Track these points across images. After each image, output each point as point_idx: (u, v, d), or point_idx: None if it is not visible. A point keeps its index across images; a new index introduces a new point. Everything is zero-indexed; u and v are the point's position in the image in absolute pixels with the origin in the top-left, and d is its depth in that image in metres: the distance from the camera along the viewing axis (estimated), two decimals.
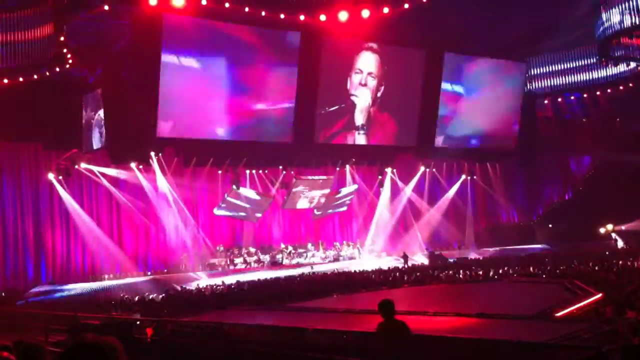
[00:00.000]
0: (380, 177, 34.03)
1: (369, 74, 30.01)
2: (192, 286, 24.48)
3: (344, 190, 32.56)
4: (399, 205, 34.60)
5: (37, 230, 25.92)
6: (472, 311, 11.97)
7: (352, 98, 30.02)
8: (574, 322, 10.11)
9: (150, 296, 22.46)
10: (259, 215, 30.21)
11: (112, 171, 26.96)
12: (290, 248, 30.99)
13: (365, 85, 29.98)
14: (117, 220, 27.70)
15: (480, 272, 22.98)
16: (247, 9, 22.88)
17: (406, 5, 23.93)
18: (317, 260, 30.53)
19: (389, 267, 27.48)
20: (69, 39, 22.26)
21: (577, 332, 8.66)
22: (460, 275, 22.71)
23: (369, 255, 32.30)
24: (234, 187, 28.57)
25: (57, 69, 23.32)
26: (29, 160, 26.14)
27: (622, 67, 31.36)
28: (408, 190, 34.64)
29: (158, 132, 24.67)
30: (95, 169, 26.65)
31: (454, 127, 32.72)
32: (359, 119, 30.49)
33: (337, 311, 14.50)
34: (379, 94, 30.46)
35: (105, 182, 27.01)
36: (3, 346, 5.28)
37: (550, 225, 36.25)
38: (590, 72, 32.92)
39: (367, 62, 29.97)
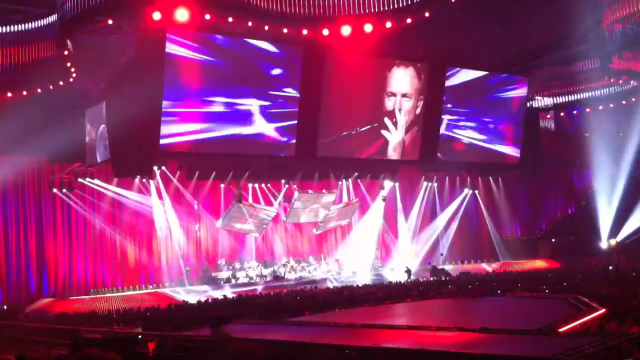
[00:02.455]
0: (382, 190, 33.97)
1: (404, 95, 29.77)
2: (194, 300, 24.42)
3: (345, 204, 32.50)
4: (401, 220, 34.56)
5: (39, 244, 25.91)
6: (475, 326, 11.90)
7: (384, 133, 29.77)
8: (577, 337, 10.05)
9: (152, 310, 22.38)
10: (261, 228, 30.18)
11: (114, 186, 26.99)
12: (292, 262, 30.90)
13: (400, 110, 29.85)
14: (119, 233, 27.66)
15: (483, 287, 22.89)
16: (250, 24, 22.92)
17: (409, 20, 23.94)
18: (319, 275, 30.44)
19: (390, 282, 27.40)
20: (73, 53, 22.35)
21: (581, 348, 8.59)
22: (463, 290, 22.63)
23: (370, 269, 32.22)
24: (237, 200, 28.56)
25: (61, 83, 23.42)
26: (32, 173, 26.15)
27: (624, 82, 31.38)
28: (412, 205, 34.62)
29: (161, 146, 24.68)
30: (99, 182, 26.70)
31: (456, 140, 32.65)
32: (393, 156, 30.63)
33: (340, 325, 14.44)
34: (417, 111, 30.34)
35: (108, 195, 27.04)
36: None
37: (553, 240, 36.16)
38: (592, 87, 32.89)
39: (401, 81, 29.60)
